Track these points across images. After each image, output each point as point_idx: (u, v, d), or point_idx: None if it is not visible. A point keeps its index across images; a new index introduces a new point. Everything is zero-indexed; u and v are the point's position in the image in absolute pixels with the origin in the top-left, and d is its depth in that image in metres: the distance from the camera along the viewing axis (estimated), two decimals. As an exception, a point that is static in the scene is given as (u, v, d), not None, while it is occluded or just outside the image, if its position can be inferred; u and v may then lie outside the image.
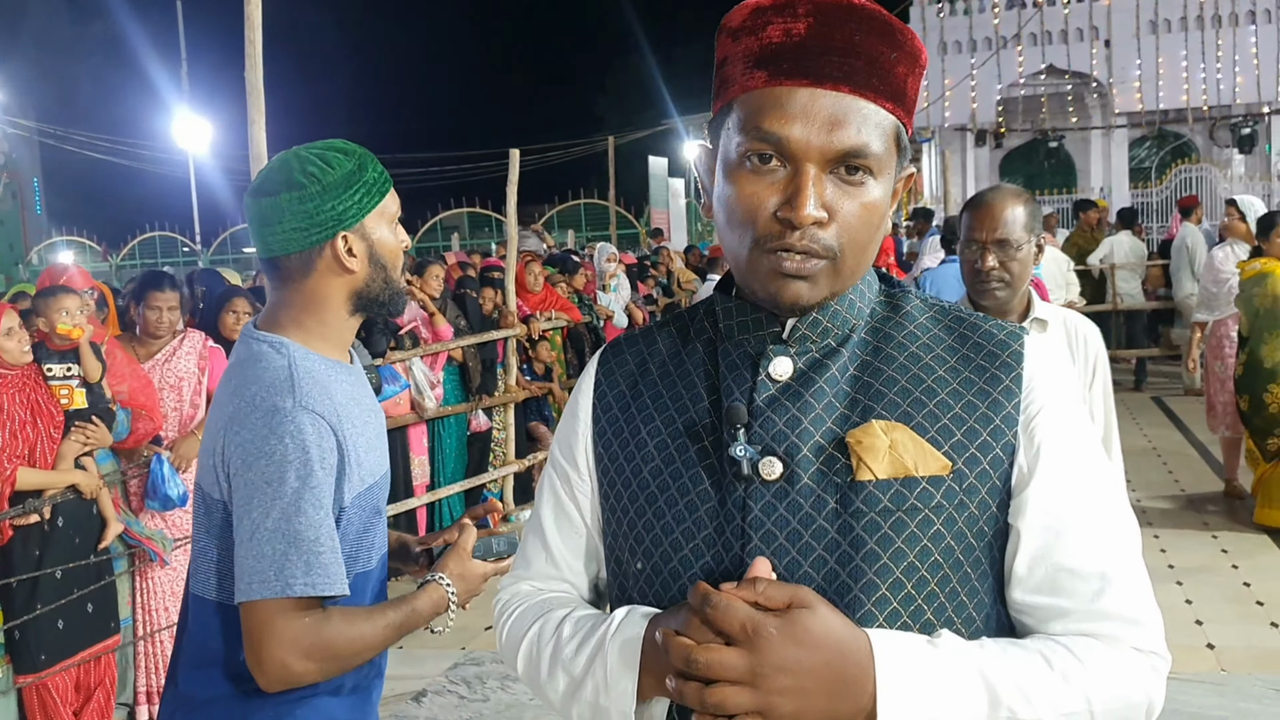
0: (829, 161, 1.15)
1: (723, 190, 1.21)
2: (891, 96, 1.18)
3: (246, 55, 5.03)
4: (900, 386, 1.22)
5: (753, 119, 1.17)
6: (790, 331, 1.25)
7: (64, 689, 4.29)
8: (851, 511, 1.16)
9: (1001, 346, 1.24)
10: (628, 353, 1.37)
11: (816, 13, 1.15)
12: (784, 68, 1.16)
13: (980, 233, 2.79)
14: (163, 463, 4.60)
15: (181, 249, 27.97)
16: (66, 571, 4.25)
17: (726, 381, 1.25)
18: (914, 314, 1.29)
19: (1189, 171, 21.47)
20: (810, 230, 1.15)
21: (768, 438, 1.20)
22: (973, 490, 1.17)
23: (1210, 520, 6.87)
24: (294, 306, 1.96)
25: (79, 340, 4.32)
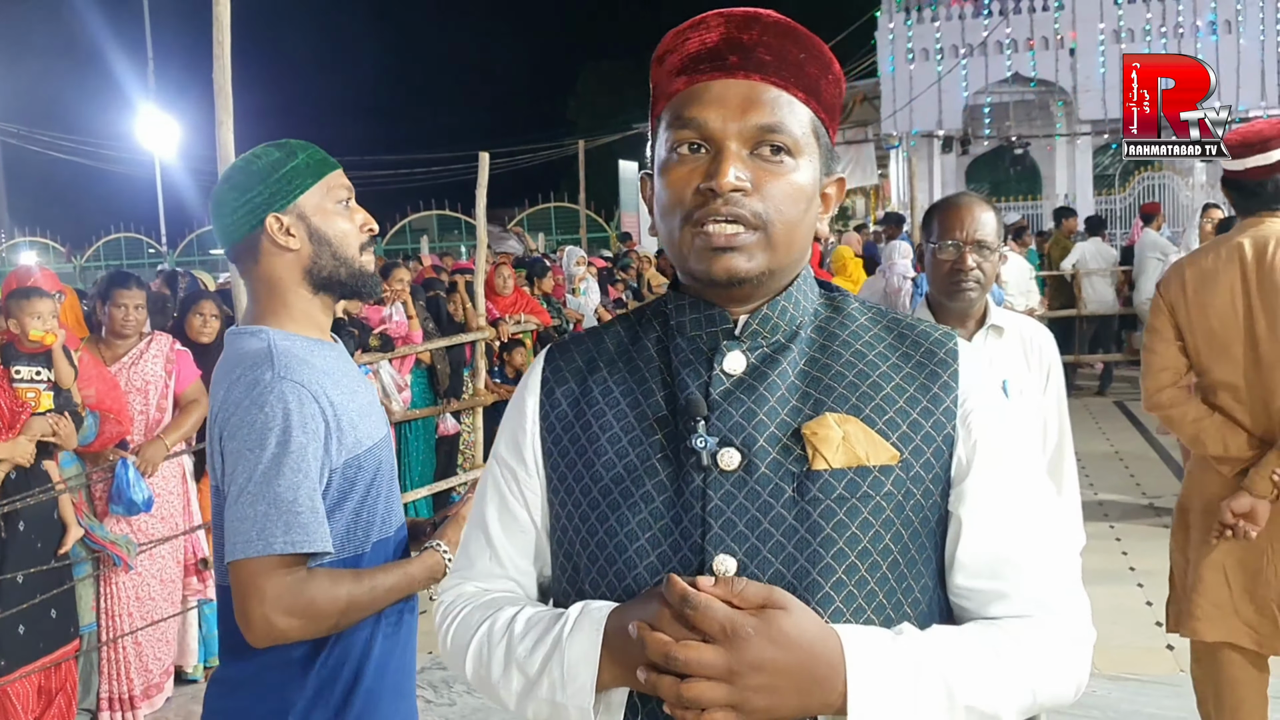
0: (747, 141, 1.24)
1: (658, 190, 1.30)
2: (803, 88, 1.28)
3: (215, 56, 5.01)
4: (848, 381, 1.29)
5: (675, 113, 1.27)
6: (742, 328, 1.31)
7: (25, 694, 4.25)
8: (808, 499, 1.22)
9: (938, 345, 1.33)
10: (575, 352, 1.40)
11: (727, 22, 1.28)
12: (701, 68, 1.27)
13: (959, 233, 2.80)
14: (128, 467, 4.57)
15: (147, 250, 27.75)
16: (28, 576, 4.21)
17: (681, 376, 1.30)
18: (855, 315, 1.37)
19: (1152, 179, 21.70)
20: (733, 196, 1.22)
21: (725, 429, 1.25)
22: (918, 479, 1.26)
23: (1170, 523, 6.93)
24: (260, 297, 2.07)
25: (52, 345, 4.29)
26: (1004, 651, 1.20)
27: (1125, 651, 4.94)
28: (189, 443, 5.06)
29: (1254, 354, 3.12)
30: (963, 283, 2.80)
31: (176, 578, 5.02)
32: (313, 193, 2.04)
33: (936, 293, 2.89)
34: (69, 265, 26.68)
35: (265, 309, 2.06)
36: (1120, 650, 4.94)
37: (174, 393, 4.95)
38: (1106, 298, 12.10)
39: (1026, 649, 1.21)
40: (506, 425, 1.42)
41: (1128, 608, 5.48)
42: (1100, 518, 7.01)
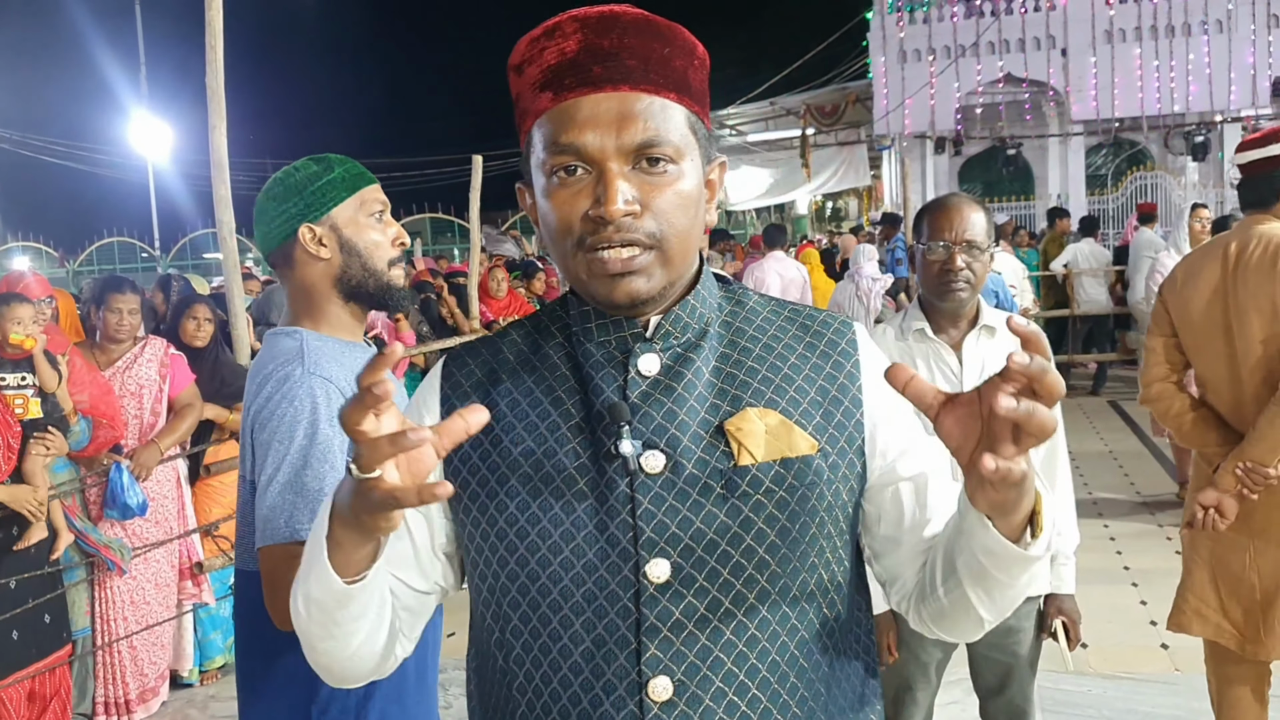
0: (627, 157, 1.21)
1: (541, 211, 1.27)
2: (674, 88, 1.24)
3: (207, 61, 5.01)
4: (762, 375, 1.30)
5: (550, 137, 1.22)
6: (654, 330, 1.30)
7: (17, 700, 4.24)
8: (738, 495, 1.23)
9: (839, 335, 1.36)
10: (473, 363, 1.37)
11: (583, 28, 1.22)
12: (565, 83, 1.22)
13: (949, 233, 2.80)
14: (122, 471, 4.57)
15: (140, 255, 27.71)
16: (21, 581, 4.21)
17: (594, 381, 1.29)
18: (757, 308, 1.38)
19: (1144, 179, 21.73)
20: (625, 221, 1.20)
21: (648, 432, 1.25)
22: (835, 466, 1.28)
23: (1165, 522, 6.96)
24: (296, 300, 2.16)
25: (31, 350, 4.28)
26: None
27: (1120, 650, 4.95)
28: (183, 447, 5.06)
29: (1229, 350, 3.15)
30: (953, 283, 2.81)
31: (171, 582, 5.01)
32: (346, 205, 2.12)
33: (928, 293, 2.90)
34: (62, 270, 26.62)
35: (300, 312, 2.16)
36: (1115, 649, 4.95)
37: (168, 397, 4.94)
38: (1099, 298, 12.12)
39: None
40: None
41: (1122, 606, 5.49)
42: (1095, 517, 7.02)
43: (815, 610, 1.28)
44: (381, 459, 1.03)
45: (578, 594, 1.24)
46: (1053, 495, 2.90)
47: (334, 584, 1.16)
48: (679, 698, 1.21)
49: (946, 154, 22.40)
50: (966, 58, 21.63)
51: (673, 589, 1.22)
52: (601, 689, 1.22)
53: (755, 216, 31.33)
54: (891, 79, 22.13)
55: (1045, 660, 3.09)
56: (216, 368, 5.32)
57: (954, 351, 2.88)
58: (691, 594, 1.22)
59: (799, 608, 1.26)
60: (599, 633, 1.23)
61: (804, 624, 1.27)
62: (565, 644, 1.25)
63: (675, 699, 1.21)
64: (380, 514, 1.07)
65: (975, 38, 21.48)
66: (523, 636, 1.28)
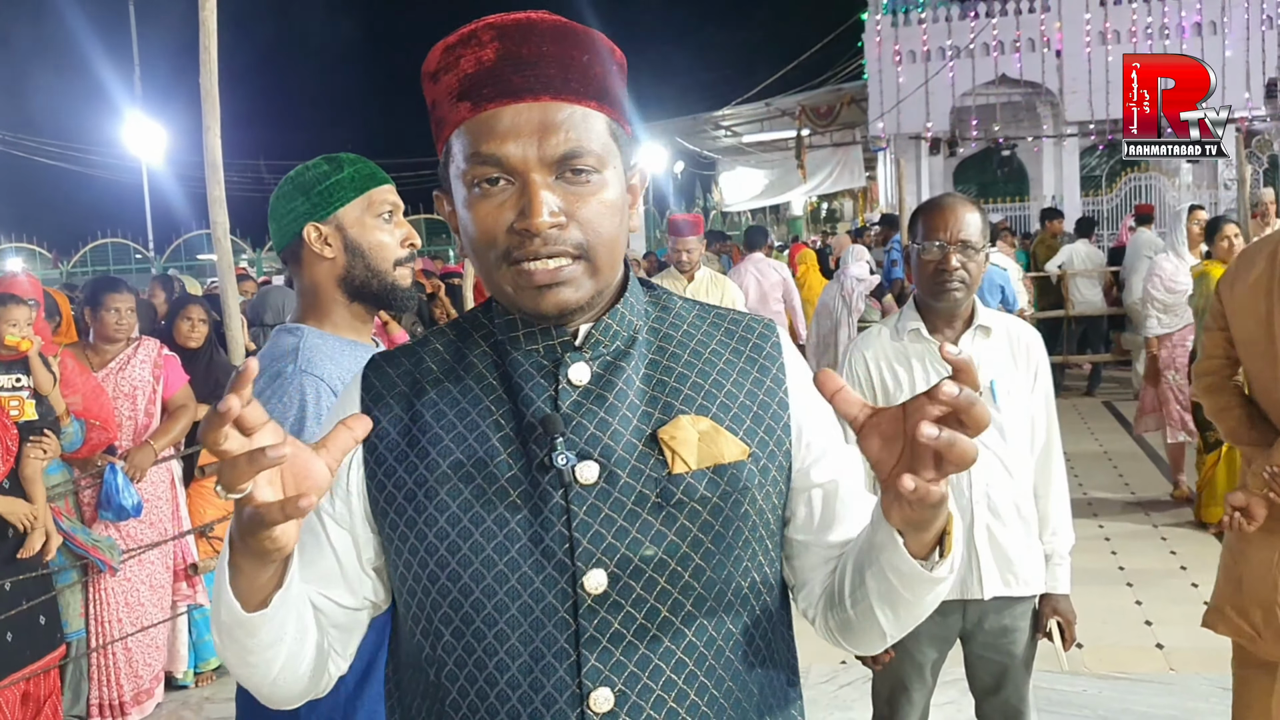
0: (550, 168, 1.20)
1: (463, 222, 1.25)
2: (594, 95, 1.23)
3: (201, 62, 5.00)
4: (691, 381, 1.30)
5: (470, 148, 1.21)
6: (584, 339, 1.29)
7: (12, 701, 4.23)
8: (674, 503, 1.24)
9: (763, 339, 1.37)
10: (394, 372, 1.34)
11: (500, 36, 1.20)
12: (485, 93, 1.20)
13: (944, 233, 2.80)
14: (116, 473, 4.56)
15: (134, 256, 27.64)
16: (15, 583, 4.20)
17: (524, 391, 1.27)
18: (683, 313, 1.38)
19: (1139, 180, 21.75)
20: (551, 233, 1.19)
21: (581, 442, 1.24)
22: (766, 470, 1.29)
23: (1159, 522, 6.98)
24: (303, 297, 2.20)
25: (27, 353, 4.27)
26: None
27: (1115, 650, 4.95)
28: (177, 448, 5.05)
29: (1272, 350, 3.11)
30: (948, 283, 2.81)
31: (166, 583, 5.00)
32: (353, 206, 2.15)
33: (923, 293, 2.90)
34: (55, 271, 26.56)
35: (306, 309, 2.19)
36: (1110, 649, 4.96)
37: (162, 398, 4.94)
38: (1094, 299, 12.14)
39: None
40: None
41: (1117, 607, 5.49)
42: (1089, 518, 7.02)
43: (749, 612, 1.29)
44: (243, 477, 1.01)
45: (513, 608, 1.23)
46: (1049, 494, 2.90)
47: (237, 612, 1.15)
48: (620, 708, 1.21)
49: (941, 155, 22.42)
50: (961, 59, 21.65)
51: (611, 600, 1.22)
52: (541, 702, 1.21)
53: (750, 218, 31.32)
54: (886, 80, 22.14)
55: (1040, 660, 3.09)
56: (211, 369, 5.32)
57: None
58: (629, 604, 1.22)
59: (733, 611, 1.27)
60: (537, 646, 1.22)
61: (738, 627, 1.28)
62: (502, 658, 1.23)
63: (616, 709, 1.21)
64: (256, 534, 1.05)
65: (970, 39, 21.50)
66: (455, 652, 1.26)
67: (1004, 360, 2.89)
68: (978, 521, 2.86)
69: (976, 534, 2.86)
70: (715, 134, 27.50)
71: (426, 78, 1.27)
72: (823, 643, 1.43)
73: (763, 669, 1.31)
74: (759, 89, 24.46)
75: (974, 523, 2.86)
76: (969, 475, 2.83)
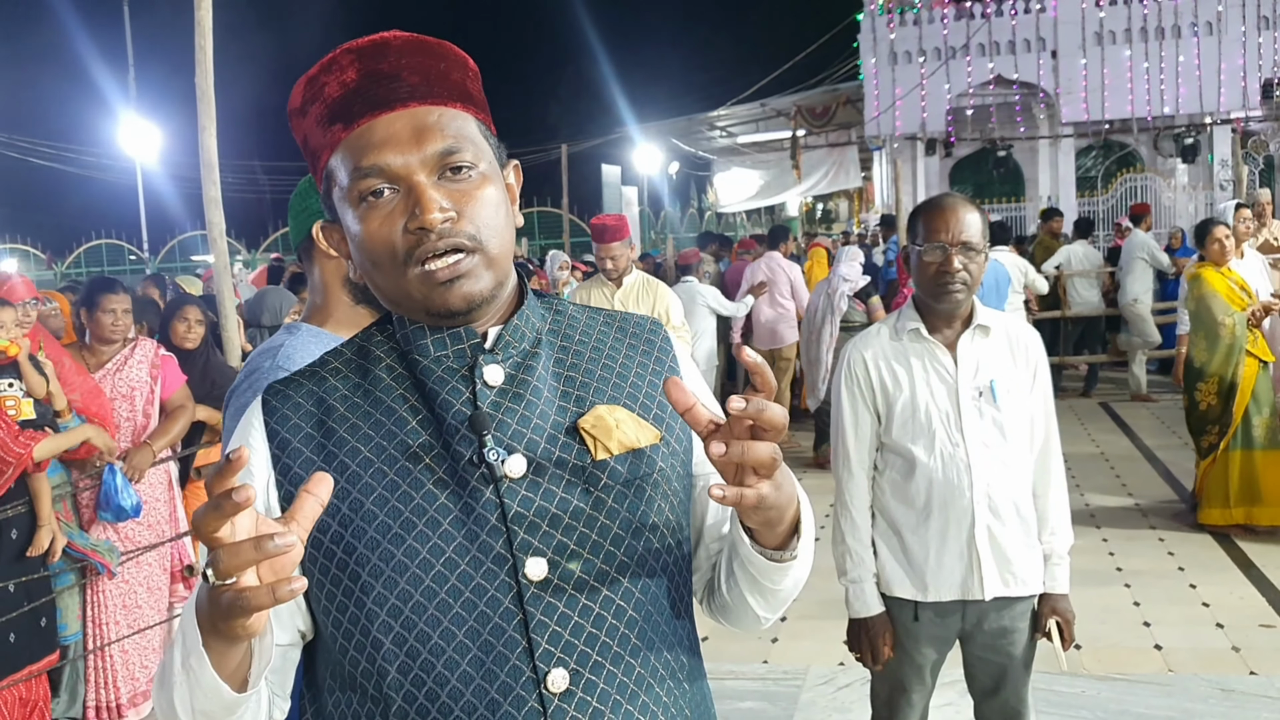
0: (431, 169, 1.25)
1: (357, 239, 1.28)
2: (458, 98, 1.29)
3: (197, 62, 4.99)
4: (598, 375, 1.38)
5: (351, 164, 1.25)
6: (495, 341, 1.33)
7: (12, 702, 4.22)
8: (600, 488, 1.30)
9: (654, 333, 1.46)
10: (297, 395, 1.34)
11: (359, 58, 1.27)
12: (354, 111, 1.26)
13: (945, 234, 2.79)
14: (115, 473, 4.54)
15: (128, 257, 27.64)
16: (18, 585, 4.19)
17: (441, 396, 1.30)
18: (576, 315, 1.45)
19: (1134, 180, 21.78)
20: (444, 228, 1.23)
21: (506, 438, 1.28)
22: (674, 452, 1.38)
23: (1157, 523, 6.98)
24: (312, 294, 2.24)
25: (15, 357, 4.26)
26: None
27: (1113, 651, 4.95)
28: (174, 449, 5.03)
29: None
30: (950, 284, 2.80)
31: (163, 585, 4.98)
32: None
33: (923, 294, 2.89)
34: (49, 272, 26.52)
35: (313, 308, 2.22)
36: (1109, 650, 4.96)
37: (159, 399, 4.92)
38: (1091, 299, 12.14)
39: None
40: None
41: (1115, 608, 5.49)
42: (1087, 519, 7.02)
43: (671, 583, 1.36)
44: (245, 565, 1.00)
45: (456, 605, 1.25)
46: (1048, 494, 2.88)
47: (226, 697, 1.15)
48: (575, 685, 1.25)
49: (937, 156, 22.41)
50: (957, 59, 21.65)
51: (552, 584, 1.26)
52: (498, 692, 1.23)
53: (746, 218, 31.33)
54: (882, 80, 22.14)
55: (1039, 661, 3.08)
56: (207, 369, 5.30)
57: (949, 351, 2.88)
58: (570, 586, 1.27)
59: (659, 581, 1.34)
60: (485, 638, 1.24)
61: (665, 597, 1.35)
62: (450, 656, 1.24)
63: (573, 688, 1.24)
64: (235, 619, 1.03)
65: (966, 39, 21.50)
66: (398, 659, 1.25)
67: (1003, 359, 2.88)
68: (978, 522, 2.85)
69: (977, 534, 2.86)
70: (710, 134, 27.50)
71: (294, 115, 1.31)
72: (821, 645, 1.46)
73: (687, 634, 1.39)
74: (754, 89, 24.46)
75: (974, 523, 2.85)
76: (970, 475, 2.82)
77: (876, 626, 2.99)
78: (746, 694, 4.68)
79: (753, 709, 4.55)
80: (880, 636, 2.98)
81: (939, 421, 2.86)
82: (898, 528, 2.96)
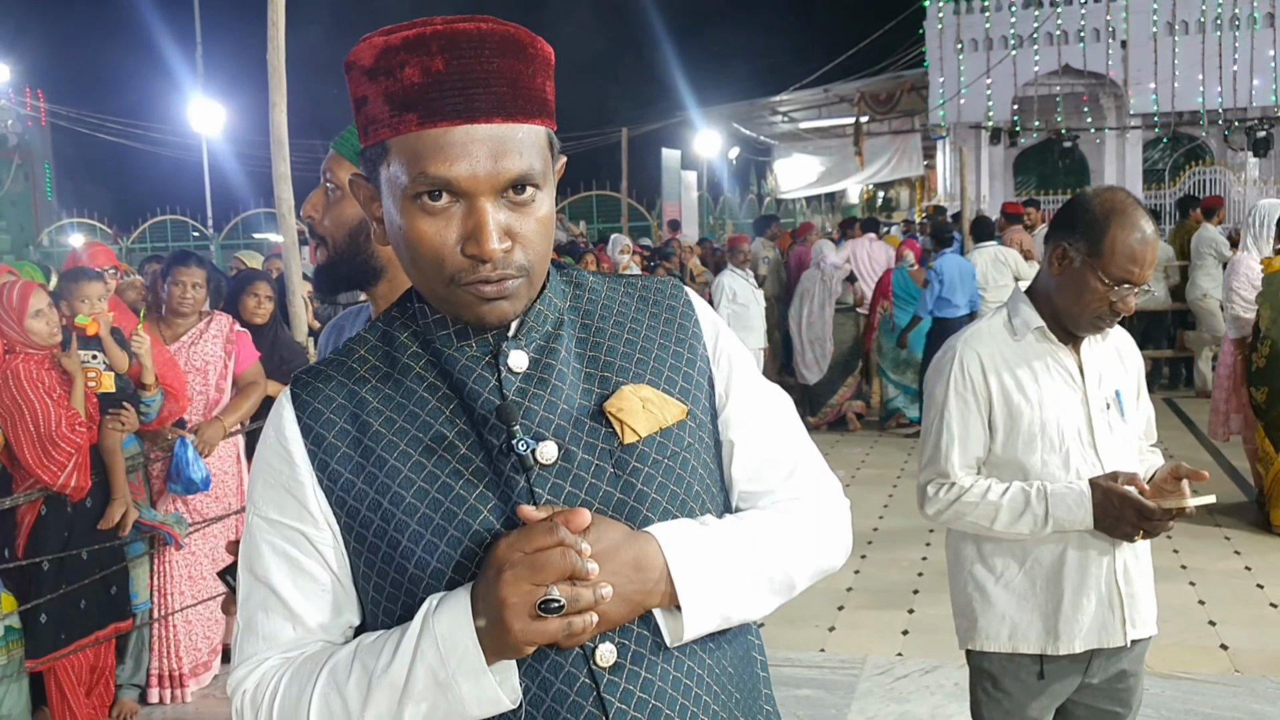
0: (499, 190, 1.22)
1: (399, 227, 1.25)
2: (539, 112, 1.25)
3: (269, 38, 5.02)
4: (621, 351, 1.37)
5: (416, 163, 1.20)
6: (518, 328, 1.32)
7: (80, 667, 4.30)
8: (629, 472, 1.29)
9: (674, 298, 1.44)
10: (326, 388, 1.33)
11: (450, 47, 1.19)
12: (435, 108, 1.19)
13: (1137, 272, 2.39)
14: (187, 446, 4.60)
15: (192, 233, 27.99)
16: (91, 553, 4.26)
17: (468, 386, 1.30)
18: (596, 286, 1.43)
19: (1203, 174, 21.38)
20: (499, 258, 1.22)
21: (534, 425, 1.28)
22: (702, 424, 1.37)
23: (1223, 522, 6.85)
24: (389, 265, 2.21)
25: (96, 333, 4.32)
26: (786, 528, 1.36)
27: (1177, 650, 4.87)
28: (243, 424, 5.09)
29: None
30: (1112, 323, 2.49)
31: (227, 557, 5.04)
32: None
33: (1073, 317, 2.50)
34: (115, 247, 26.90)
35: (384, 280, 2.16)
36: (1173, 648, 4.88)
37: (233, 373, 4.97)
38: (1158, 294, 11.92)
39: (800, 525, 1.38)
40: (269, 481, 1.32)
41: (1179, 606, 5.40)
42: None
43: None
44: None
45: None
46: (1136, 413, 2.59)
47: (503, 702, 1.21)
48: (624, 658, 1.25)
49: (1002, 145, 22.16)
50: (1024, 48, 21.36)
51: None
52: (548, 670, 1.24)
53: (805, 205, 31.12)
54: (948, 68, 21.90)
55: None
56: (276, 345, 5.35)
57: (1073, 355, 2.55)
58: None
59: None
60: None
61: None
62: None
63: (621, 661, 1.25)
64: (571, 639, 1.18)
65: (1033, 28, 21.19)
66: None
67: (1116, 365, 2.61)
68: (1118, 559, 2.52)
69: (1118, 569, 2.52)
70: (772, 120, 27.33)
71: (356, 70, 1.25)
72: (879, 634, 1.45)
73: None
74: (818, 75, 24.29)
75: (1115, 557, 2.52)
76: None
77: (1102, 491, 2.41)
78: (804, 681, 4.66)
79: (810, 696, 4.53)
80: (1117, 496, 2.39)
81: (1072, 437, 2.50)
82: (1021, 568, 2.56)
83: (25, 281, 4.31)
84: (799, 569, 1.36)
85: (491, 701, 1.19)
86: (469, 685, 1.18)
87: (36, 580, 4.16)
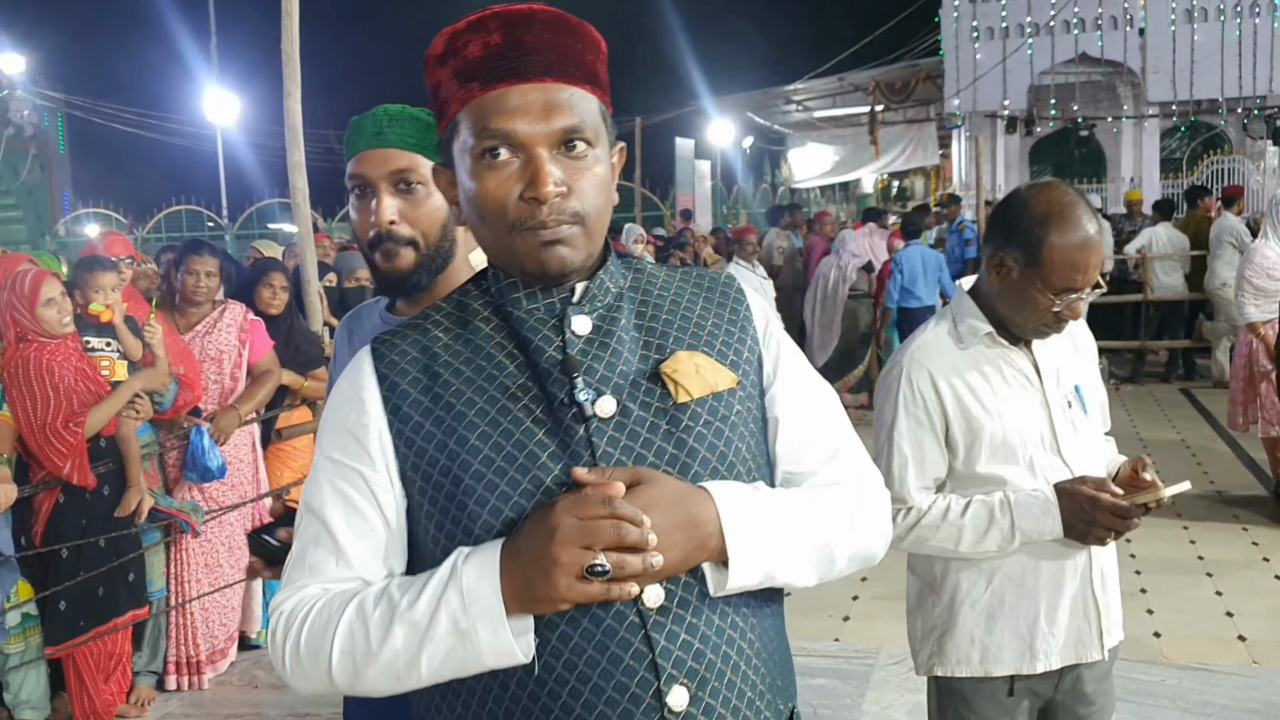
0: (553, 143, 1.35)
1: (470, 192, 1.39)
2: (587, 80, 1.39)
3: (283, 27, 5.03)
4: (677, 325, 1.48)
5: (479, 123, 1.35)
6: (582, 294, 1.44)
7: (99, 654, 4.32)
8: (682, 429, 1.39)
9: (727, 285, 1.56)
10: (403, 344, 1.45)
11: (505, 24, 1.36)
12: (493, 73, 1.35)
13: (1082, 278, 2.25)
14: (203, 435, 4.62)
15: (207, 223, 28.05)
16: (109, 540, 4.28)
17: (533, 344, 1.41)
18: (654, 273, 1.55)
19: (1221, 163, 21.27)
20: (555, 203, 1.34)
21: (595, 381, 1.39)
22: (750, 396, 1.47)
23: (1241, 514, 6.82)
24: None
25: (110, 321, 4.33)
26: (826, 505, 1.44)
27: (1195, 641, 4.86)
28: (257, 412, 5.10)
29: None
30: (1061, 328, 2.35)
31: (243, 545, 5.06)
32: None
33: (1020, 324, 2.37)
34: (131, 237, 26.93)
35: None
36: (1190, 640, 4.86)
37: (247, 363, 4.98)
38: (1175, 283, 11.86)
39: (838, 506, 1.45)
40: (339, 425, 1.43)
41: (1197, 598, 5.38)
42: (1167, 508, 6.81)
43: None
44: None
45: None
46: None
47: (516, 655, 1.28)
48: (670, 602, 1.33)
49: (1018, 134, 22.03)
50: (1040, 36, 21.24)
51: None
52: (598, 607, 1.31)
53: (820, 194, 31.02)
54: (963, 57, 21.79)
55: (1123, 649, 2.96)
56: (291, 334, 5.35)
57: (1026, 355, 2.41)
58: None
59: None
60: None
61: None
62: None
63: (667, 604, 1.33)
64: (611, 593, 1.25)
65: (1050, 16, 21.06)
66: None
67: (1070, 354, 2.47)
68: (1094, 565, 2.40)
69: (1094, 581, 2.40)
70: (786, 109, 27.22)
71: (432, 61, 1.41)
72: (894, 624, 1.46)
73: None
74: (832, 63, 24.17)
75: (1091, 565, 2.40)
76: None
77: (1068, 496, 2.29)
78: (818, 671, 4.66)
79: (824, 686, 4.53)
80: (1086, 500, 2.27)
81: (1034, 444, 2.35)
82: (989, 585, 2.41)
83: (39, 270, 4.32)
84: (839, 546, 1.43)
85: (507, 654, 1.27)
86: (487, 635, 1.26)
87: (55, 568, 4.18)
